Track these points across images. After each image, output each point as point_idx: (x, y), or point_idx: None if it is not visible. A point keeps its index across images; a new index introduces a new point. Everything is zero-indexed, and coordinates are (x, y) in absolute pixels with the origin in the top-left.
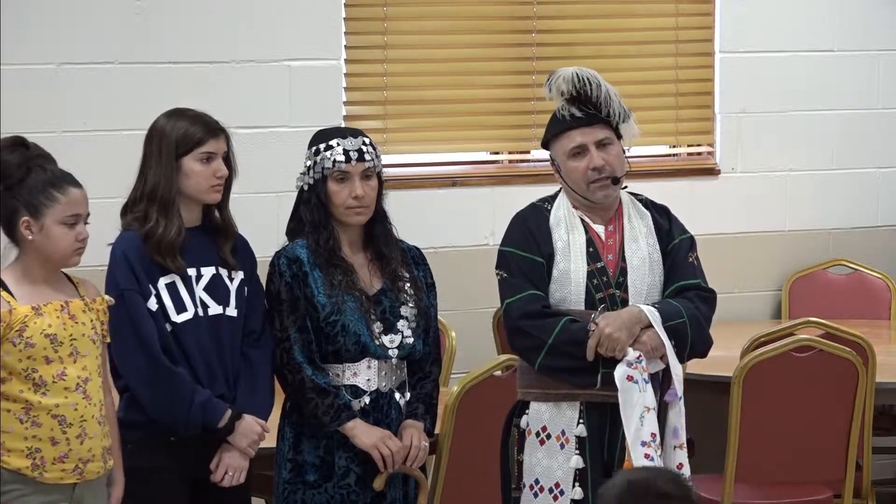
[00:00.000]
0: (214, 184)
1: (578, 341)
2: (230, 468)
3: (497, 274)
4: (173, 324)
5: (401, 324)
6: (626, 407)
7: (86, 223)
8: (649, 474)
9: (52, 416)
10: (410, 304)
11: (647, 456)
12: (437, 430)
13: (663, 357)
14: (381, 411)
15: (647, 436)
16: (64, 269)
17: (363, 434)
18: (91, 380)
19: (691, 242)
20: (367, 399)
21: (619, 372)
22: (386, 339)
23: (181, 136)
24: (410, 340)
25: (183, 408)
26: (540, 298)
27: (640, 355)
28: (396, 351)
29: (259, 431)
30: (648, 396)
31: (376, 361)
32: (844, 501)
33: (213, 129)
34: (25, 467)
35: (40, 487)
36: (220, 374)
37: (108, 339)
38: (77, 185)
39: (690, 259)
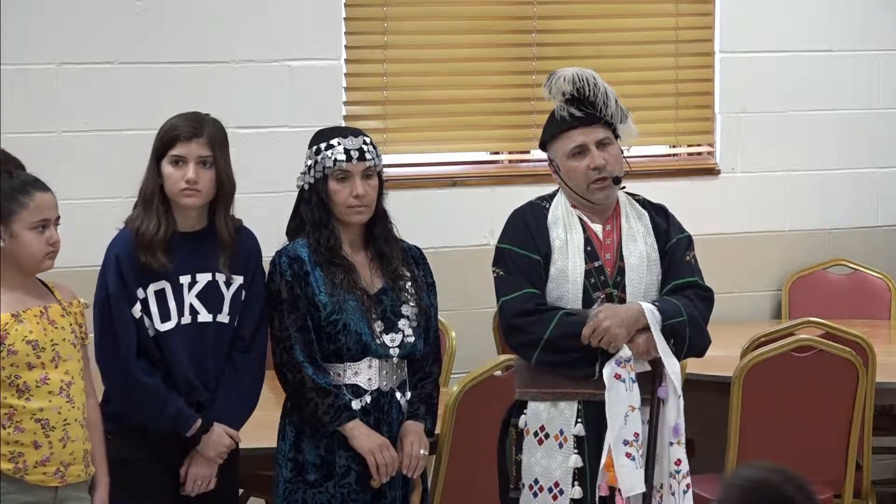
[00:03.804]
0: (184, 188)
1: (575, 335)
2: (197, 477)
3: (493, 271)
4: (156, 331)
5: (402, 323)
6: (612, 405)
7: (56, 226)
8: (774, 476)
9: (35, 420)
10: (411, 304)
11: (628, 455)
12: (437, 431)
13: (655, 360)
14: (381, 410)
15: (630, 434)
16: (38, 275)
17: (362, 437)
18: (74, 383)
19: (689, 241)
20: (368, 398)
21: (608, 370)
22: (387, 339)
23: (161, 137)
24: (411, 340)
25: (152, 417)
26: (536, 297)
27: (630, 355)
28: (397, 350)
29: (227, 443)
30: (634, 395)
31: (377, 361)
32: (844, 501)
33: (187, 131)
34: (8, 470)
35: (24, 487)
36: (201, 383)
37: (87, 342)
38: (45, 189)
39: (688, 258)
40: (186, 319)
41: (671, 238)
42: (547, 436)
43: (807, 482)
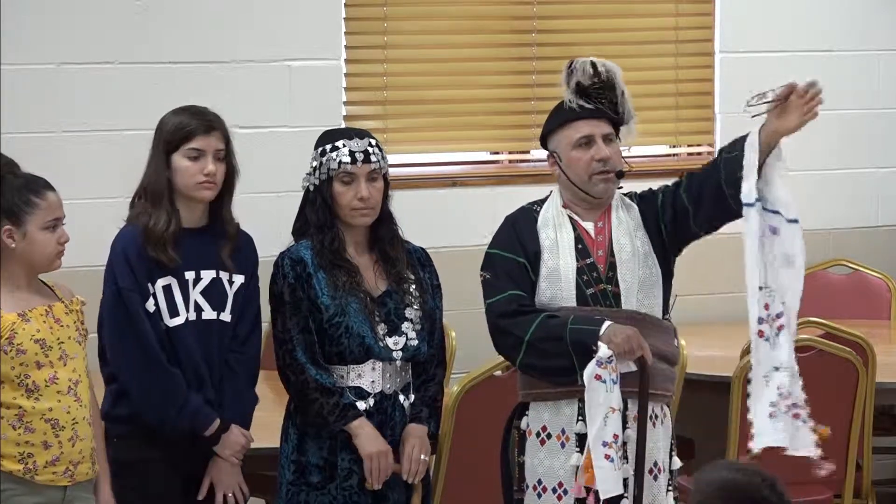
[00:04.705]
0: (202, 181)
1: (556, 337)
2: (227, 488)
3: (481, 275)
4: (166, 325)
5: (405, 326)
6: (591, 406)
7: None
8: (748, 477)
9: (45, 421)
10: (415, 306)
11: (607, 457)
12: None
13: (640, 359)
14: (385, 413)
15: (609, 436)
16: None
17: (366, 438)
18: (81, 381)
19: None
20: (371, 401)
21: (588, 371)
22: (390, 341)
23: (172, 131)
24: (415, 342)
25: (173, 411)
26: (520, 298)
27: (611, 355)
28: (401, 353)
29: (244, 443)
30: (615, 397)
31: (380, 363)
32: (844, 501)
33: (204, 125)
34: (17, 471)
35: (33, 488)
36: (209, 380)
37: (86, 340)
38: (52, 188)
39: None
40: (192, 316)
41: (655, 195)
42: (549, 436)
43: (779, 482)
